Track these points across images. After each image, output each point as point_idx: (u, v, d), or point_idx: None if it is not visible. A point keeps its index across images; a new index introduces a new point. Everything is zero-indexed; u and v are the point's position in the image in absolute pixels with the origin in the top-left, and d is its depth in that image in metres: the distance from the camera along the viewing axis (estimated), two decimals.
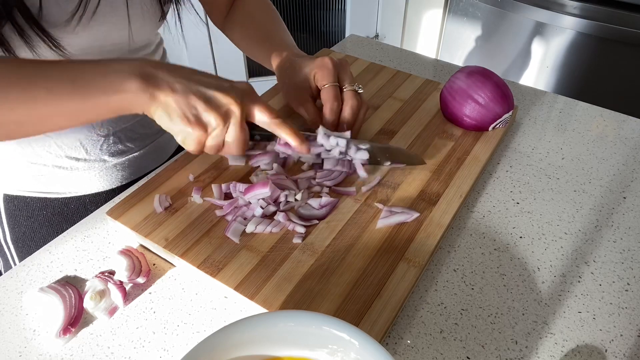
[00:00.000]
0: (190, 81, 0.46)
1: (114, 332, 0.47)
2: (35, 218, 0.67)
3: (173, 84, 0.45)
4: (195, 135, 0.47)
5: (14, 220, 0.67)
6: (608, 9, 1.33)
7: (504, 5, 1.53)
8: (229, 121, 0.47)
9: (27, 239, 0.68)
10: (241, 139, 0.49)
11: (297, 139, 0.52)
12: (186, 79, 0.46)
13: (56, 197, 0.67)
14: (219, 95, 0.46)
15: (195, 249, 0.51)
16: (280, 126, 0.51)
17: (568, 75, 1.51)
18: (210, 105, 0.46)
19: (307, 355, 0.36)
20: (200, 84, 0.46)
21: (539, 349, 0.45)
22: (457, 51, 1.81)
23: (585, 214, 0.59)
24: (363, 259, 0.50)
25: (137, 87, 0.44)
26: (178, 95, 0.45)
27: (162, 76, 0.45)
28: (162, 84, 0.45)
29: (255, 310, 0.47)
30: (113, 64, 0.45)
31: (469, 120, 0.65)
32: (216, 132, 0.47)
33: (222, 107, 0.46)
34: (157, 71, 0.45)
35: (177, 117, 0.45)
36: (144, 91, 0.44)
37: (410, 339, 0.46)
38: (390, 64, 0.87)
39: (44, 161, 0.63)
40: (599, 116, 0.75)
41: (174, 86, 0.45)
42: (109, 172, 0.68)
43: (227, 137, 0.48)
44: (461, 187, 0.58)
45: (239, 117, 0.47)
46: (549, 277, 0.52)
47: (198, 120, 0.46)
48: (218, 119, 0.46)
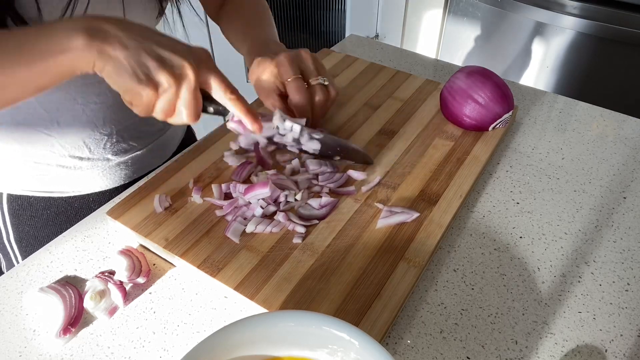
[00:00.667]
0: (144, 38, 0.43)
1: (114, 332, 0.47)
2: (38, 217, 0.67)
3: (124, 40, 0.42)
4: (145, 95, 0.43)
5: (17, 220, 0.67)
6: (608, 9, 1.33)
7: (504, 5, 1.53)
8: (181, 84, 0.44)
9: (31, 239, 0.68)
10: (193, 106, 0.46)
11: (249, 116, 0.50)
12: (140, 36, 0.43)
13: (60, 197, 0.67)
14: (174, 57, 0.43)
15: (195, 249, 0.51)
16: (234, 101, 0.48)
17: (568, 75, 1.51)
18: (163, 65, 0.43)
19: (307, 355, 0.36)
20: (155, 43, 0.43)
21: (539, 349, 0.45)
22: (457, 51, 1.81)
23: (585, 214, 0.59)
24: (363, 259, 0.50)
25: (83, 43, 0.41)
26: (129, 52, 0.42)
27: (112, 31, 0.42)
28: (112, 39, 0.42)
29: (255, 310, 0.47)
30: (57, 24, 0.42)
31: (469, 120, 0.65)
32: (167, 95, 0.44)
33: (175, 68, 0.43)
34: (105, 25, 0.42)
35: (127, 74, 0.42)
36: (90, 47, 0.41)
37: (410, 339, 0.46)
38: (390, 64, 0.87)
39: (47, 161, 0.63)
40: (599, 116, 0.75)
41: (125, 42, 0.42)
42: (113, 170, 0.69)
43: (179, 103, 0.45)
44: (461, 187, 0.58)
45: (192, 81, 0.44)
46: (549, 277, 0.52)
47: (148, 79, 0.43)
48: (170, 80, 0.43)
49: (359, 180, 0.59)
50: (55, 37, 0.42)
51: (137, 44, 0.42)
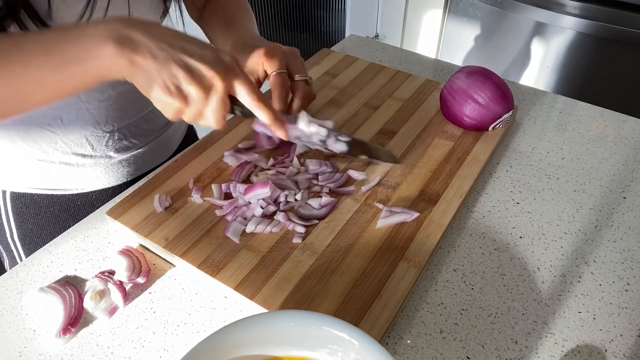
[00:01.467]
0: (173, 47, 0.43)
1: (114, 332, 0.47)
2: (42, 215, 0.68)
3: (153, 50, 0.42)
4: (175, 106, 0.45)
5: (20, 218, 0.68)
6: (608, 9, 1.33)
7: (504, 5, 1.53)
8: (211, 95, 0.45)
9: (34, 236, 0.68)
10: (220, 113, 0.46)
11: (275, 121, 0.50)
12: (168, 44, 0.43)
13: (63, 194, 0.68)
14: (203, 67, 0.44)
15: (195, 249, 0.51)
16: (261, 106, 0.49)
17: (568, 75, 1.51)
18: (192, 77, 0.43)
19: (307, 355, 0.36)
20: (184, 52, 0.43)
21: (539, 349, 0.45)
22: (457, 51, 1.81)
23: (585, 214, 0.59)
24: (363, 259, 0.50)
25: (113, 52, 0.41)
26: (159, 63, 0.42)
27: (141, 40, 0.42)
28: (141, 49, 0.42)
29: (255, 310, 0.47)
30: (86, 28, 0.42)
31: (469, 120, 0.65)
32: (197, 105, 0.45)
33: (204, 79, 0.44)
34: (134, 33, 0.42)
35: (157, 85, 0.43)
36: (121, 56, 0.42)
37: (410, 339, 0.46)
38: (390, 64, 0.87)
39: (50, 158, 0.63)
40: (599, 116, 0.75)
41: (155, 52, 0.42)
42: (115, 168, 0.69)
43: (207, 109, 0.46)
44: (461, 187, 0.58)
45: (221, 91, 0.45)
46: (549, 277, 0.52)
47: (179, 91, 0.44)
48: (200, 92, 0.44)
49: (359, 180, 0.59)
50: (85, 44, 0.42)
51: (166, 54, 0.42)
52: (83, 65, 0.42)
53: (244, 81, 0.47)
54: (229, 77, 0.46)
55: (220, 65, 0.45)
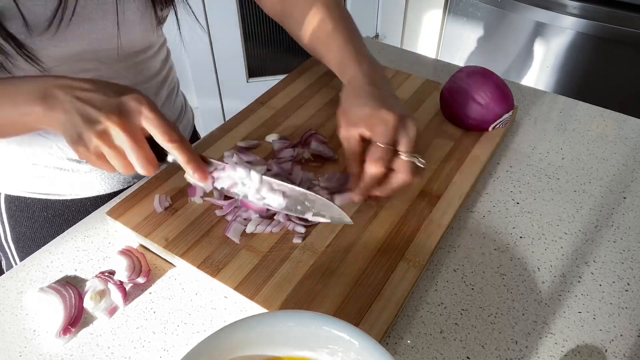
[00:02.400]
0: (80, 99, 0.44)
1: (114, 332, 0.47)
2: (35, 219, 0.67)
3: (65, 104, 0.44)
4: (81, 153, 0.45)
5: (14, 221, 0.67)
6: (608, 9, 1.33)
7: (504, 5, 1.53)
8: (109, 139, 0.44)
9: (28, 239, 0.68)
10: (140, 158, 0.45)
11: (192, 165, 0.47)
12: (77, 97, 0.44)
13: (57, 199, 0.67)
14: (98, 114, 0.43)
15: (195, 249, 0.51)
16: (176, 149, 0.46)
17: (568, 75, 1.51)
18: (89, 124, 0.43)
19: (307, 355, 0.36)
20: (88, 103, 0.44)
21: (539, 349, 0.45)
22: (457, 51, 1.81)
23: (585, 214, 0.59)
24: (363, 259, 0.50)
25: (40, 110, 0.44)
26: (67, 116, 0.44)
27: (60, 96, 0.44)
28: (57, 106, 0.44)
29: (255, 310, 0.47)
30: (22, 86, 0.46)
31: (469, 120, 0.65)
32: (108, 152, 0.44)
33: (98, 125, 0.43)
34: (57, 91, 0.44)
35: (67, 136, 0.45)
36: (44, 114, 0.44)
37: (410, 339, 0.46)
38: (390, 64, 0.87)
39: (45, 162, 0.63)
40: (599, 116, 0.75)
41: (66, 107, 0.44)
42: (111, 175, 0.68)
43: (129, 157, 0.45)
44: (461, 187, 0.58)
45: (123, 135, 0.43)
46: (549, 277, 0.52)
47: (80, 139, 0.44)
48: (95, 137, 0.43)
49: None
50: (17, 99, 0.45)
51: (72, 106, 0.44)
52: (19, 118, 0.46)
53: (153, 121, 0.44)
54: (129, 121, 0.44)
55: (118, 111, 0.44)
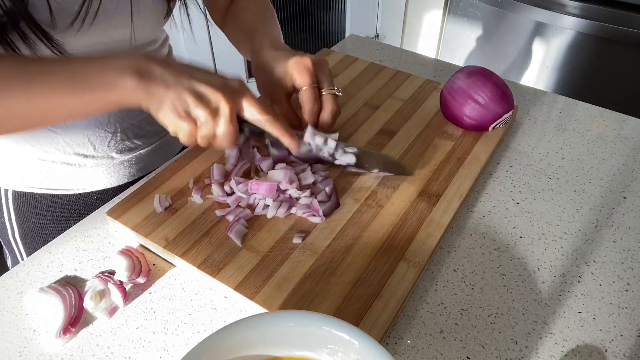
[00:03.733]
0: (183, 76, 0.47)
1: (114, 332, 0.47)
2: (43, 214, 0.68)
3: (166, 79, 0.46)
4: (186, 129, 0.48)
5: (22, 217, 0.68)
6: (608, 9, 1.33)
7: (504, 5, 1.53)
8: (218, 117, 0.48)
9: (36, 235, 0.68)
10: (230, 134, 0.49)
11: (286, 135, 0.52)
12: (179, 73, 0.47)
13: (64, 194, 0.68)
14: (210, 92, 0.47)
15: (195, 249, 0.51)
16: (271, 123, 0.51)
17: (568, 75, 1.51)
18: (200, 101, 0.47)
19: (307, 355, 0.36)
20: (193, 79, 0.47)
21: (539, 349, 0.45)
22: (457, 51, 1.81)
23: (585, 214, 0.59)
24: (363, 259, 0.50)
25: (133, 83, 0.45)
26: (170, 90, 0.46)
27: (156, 71, 0.46)
28: (156, 79, 0.46)
29: (255, 310, 0.47)
30: (110, 61, 0.46)
31: (469, 120, 0.65)
32: (206, 127, 0.48)
33: (211, 103, 0.47)
34: (151, 66, 0.46)
35: (169, 111, 0.47)
36: (138, 87, 0.45)
37: (410, 339, 0.46)
38: (390, 64, 0.87)
39: (52, 158, 0.63)
40: (599, 116, 0.75)
41: (167, 81, 0.46)
42: (117, 169, 0.69)
43: (217, 132, 0.49)
44: (461, 187, 0.58)
45: (228, 113, 0.48)
46: (549, 277, 0.52)
47: (188, 115, 0.47)
48: (207, 114, 0.47)
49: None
50: (107, 73, 0.46)
51: (176, 82, 0.46)
52: (103, 93, 0.46)
53: (251, 101, 0.50)
54: (235, 99, 0.49)
55: (227, 89, 0.48)
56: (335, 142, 0.57)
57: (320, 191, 0.56)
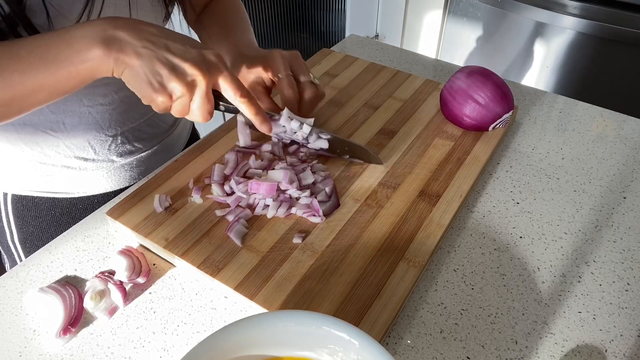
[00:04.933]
0: (157, 46, 0.45)
1: (114, 332, 0.47)
2: (43, 218, 0.68)
3: (138, 49, 0.44)
4: (160, 102, 0.46)
5: (21, 221, 0.68)
6: (608, 9, 1.33)
7: (504, 5, 1.53)
8: (194, 90, 0.46)
9: (35, 239, 0.68)
10: (205, 109, 0.48)
11: (259, 117, 0.51)
12: (152, 43, 0.45)
13: (64, 197, 0.68)
14: (186, 65, 0.45)
15: (195, 249, 0.51)
16: (245, 103, 0.50)
17: (568, 75, 1.51)
18: (175, 74, 0.45)
19: (307, 355, 0.36)
20: (167, 50, 0.45)
21: (539, 349, 0.45)
22: (457, 51, 1.81)
23: (585, 214, 0.59)
24: (363, 259, 0.50)
25: (101, 53, 0.43)
26: (143, 61, 0.44)
27: (126, 38, 0.44)
28: (127, 48, 0.44)
29: (255, 310, 0.47)
30: (75, 31, 0.44)
31: (469, 120, 0.65)
32: (181, 100, 0.47)
33: (187, 76, 0.45)
34: (120, 33, 0.44)
35: (142, 82, 0.45)
36: (108, 57, 0.44)
37: (410, 339, 0.46)
38: (390, 64, 0.87)
39: (52, 161, 0.63)
40: (599, 116, 0.75)
41: (139, 50, 0.44)
42: (117, 172, 0.69)
43: (192, 105, 0.48)
44: (461, 187, 0.58)
45: (204, 88, 0.46)
46: (549, 277, 0.52)
47: (163, 87, 0.45)
48: (183, 88, 0.45)
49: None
50: (74, 46, 0.44)
51: (150, 52, 0.44)
52: (75, 67, 0.44)
53: (228, 77, 0.48)
54: (212, 73, 0.47)
55: (203, 63, 0.46)
56: (310, 127, 0.58)
57: (320, 191, 0.56)
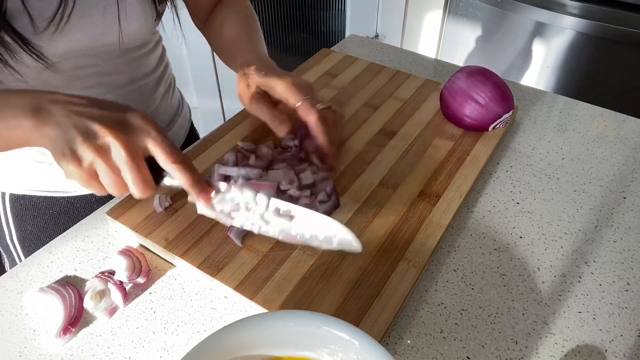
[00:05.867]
0: (78, 114, 0.42)
1: (114, 332, 0.47)
2: (41, 217, 0.68)
3: (59, 119, 0.42)
4: (70, 170, 0.41)
5: (20, 220, 0.68)
6: (608, 9, 1.33)
7: (504, 5, 1.53)
8: (109, 156, 0.41)
9: (34, 238, 0.68)
10: (136, 178, 0.42)
11: (195, 188, 0.44)
12: (75, 113, 0.42)
13: (62, 196, 0.68)
14: (99, 128, 0.41)
15: (195, 249, 0.51)
16: (179, 170, 0.43)
17: (568, 75, 1.51)
18: (86, 138, 0.41)
19: (307, 355, 0.36)
20: (87, 117, 0.42)
21: (539, 349, 0.45)
22: (457, 51, 1.81)
23: (585, 214, 0.59)
24: (363, 259, 0.50)
25: (30, 123, 0.42)
26: (60, 131, 0.41)
27: (54, 110, 0.42)
28: (49, 120, 0.42)
29: (255, 310, 0.47)
30: (12, 98, 0.43)
31: (469, 120, 0.65)
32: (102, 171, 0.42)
33: (98, 139, 0.41)
34: (51, 106, 0.42)
35: (57, 152, 0.42)
36: (34, 128, 0.42)
37: (410, 339, 0.46)
38: (390, 64, 0.87)
39: (49, 160, 0.63)
40: (599, 116, 0.75)
41: (60, 121, 0.41)
42: None
43: (123, 175, 0.42)
44: (461, 187, 0.58)
45: (123, 152, 0.41)
46: (549, 277, 0.52)
47: (72, 154, 0.41)
48: (91, 152, 0.41)
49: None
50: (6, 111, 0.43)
51: (68, 121, 0.41)
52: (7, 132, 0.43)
53: (158, 139, 0.43)
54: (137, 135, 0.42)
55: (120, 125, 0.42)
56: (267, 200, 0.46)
57: (320, 191, 0.56)
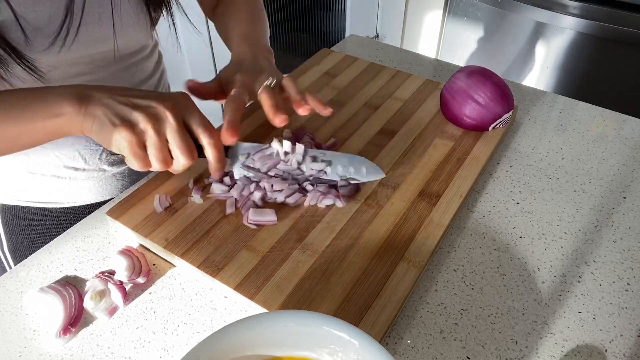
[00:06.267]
0: (122, 95, 0.46)
1: (114, 332, 0.47)
2: (33, 228, 0.67)
3: (103, 99, 0.45)
4: (124, 137, 0.44)
5: (11, 230, 0.67)
6: (608, 9, 1.33)
7: (504, 5, 1.53)
8: (160, 124, 0.45)
9: (25, 249, 0.68)
10: (182, 145, 0.46)
11: (217, 164, 0.50)
12: (118, 94, 0.46)
13: (55, 207, 0.67)
14: (148, 101, 0.45)
15: (195, 249, 0.51)
16: (210, 146, 0.48)
17: (568, 75, 1.51)
18: (136, 108, 0.45)
19: (307, 355, 0.36)
20: (132, 96, 0.46)
21: (539, 349, 0.45)
22: (457, 51, 1.81)
23: (585, 214, 0.59)
24: (363, 259, 0.50)
25: (73, 109, 0.44)
26: (107, 108, 0.45)
27: (98, 95, 0.45)
28: (93, 101, 0.45)
29: (255, 310, 0.47)
30: (52, 89, 0.46)
31: (469, 120, 0.65)
32: (151, 139, 0.45)
33: (150, 108, 0.45)
34: (93, 92, 0.45)
35: (105, 126, 0.44)
36: (78, 112, 0.44)
37: (410, 339, 0.46)
38: (390, 64, 0.87)
39: (42, 171, 0.63)
40: (599, 116, 0.75)
41: (104, 101, 0.45)
42: (108, 181, 0.68)
43: (170, 146, 0.46)
44: (461, 187, 0.58)
45: (173, 121, 0.45)
46: (549, 277, 0.52)
47: (123, 121, 0.44)
48: (144, 117, 0.44)
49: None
50: (47, 100, 0.45)
51: (114, 99, 0.45)
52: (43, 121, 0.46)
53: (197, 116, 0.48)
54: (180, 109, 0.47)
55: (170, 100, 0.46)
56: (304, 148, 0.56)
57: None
